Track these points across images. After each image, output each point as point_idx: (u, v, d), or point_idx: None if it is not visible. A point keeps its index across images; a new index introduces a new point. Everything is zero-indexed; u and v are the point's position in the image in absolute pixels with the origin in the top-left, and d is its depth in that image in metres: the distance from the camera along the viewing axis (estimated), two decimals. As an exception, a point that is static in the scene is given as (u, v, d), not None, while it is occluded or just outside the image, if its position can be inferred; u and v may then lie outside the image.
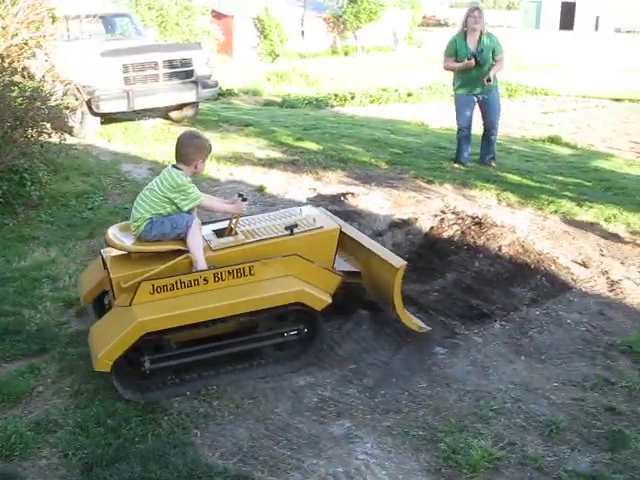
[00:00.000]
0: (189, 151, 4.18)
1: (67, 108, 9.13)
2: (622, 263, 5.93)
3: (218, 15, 45.53)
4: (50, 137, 7.86)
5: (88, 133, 10.53)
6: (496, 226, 6.31)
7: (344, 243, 4.69)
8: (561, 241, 6.32)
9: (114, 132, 10.91)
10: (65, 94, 9.60)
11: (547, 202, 7.42)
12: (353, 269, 4.81)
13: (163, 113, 11.98)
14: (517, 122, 16.20)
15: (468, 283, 5.45)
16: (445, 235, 6.32)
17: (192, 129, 4.56)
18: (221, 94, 20.81)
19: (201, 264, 4.08)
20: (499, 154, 9.56)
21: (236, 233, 4.38)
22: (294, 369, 4.27)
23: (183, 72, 11.21)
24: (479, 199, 7.57)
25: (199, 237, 4.16)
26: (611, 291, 5.39)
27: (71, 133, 10.08)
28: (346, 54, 52.47)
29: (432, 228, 6.49)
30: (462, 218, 6.55)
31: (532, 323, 4.82)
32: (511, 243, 6.00)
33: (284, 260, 4.21)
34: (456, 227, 6.38)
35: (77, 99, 10.28)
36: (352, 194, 7.43)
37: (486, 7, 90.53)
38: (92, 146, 10.09)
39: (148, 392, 3.98)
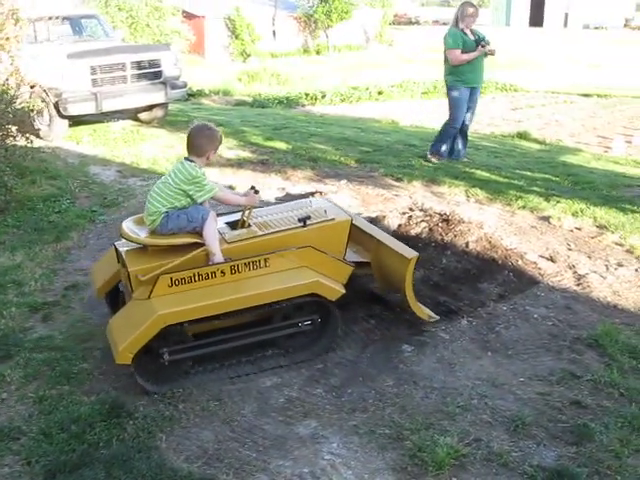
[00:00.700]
0: (201, 143, 4.25)
1: (32, 111, 9.04)
2: (589, 257, 5.96)
3: (189, 15, 45.30)
4: (16, 140, 7.75)
5: (56, 136, 10.43)
6: (464, 222, 6.32)
7: (353, 234, 4.76)
8: (529, 236, 6.36)
9: (82, 134, 10.82)
10: (31, 96, 9.50)
11: (515, 198, 7.45)
12: (362, 260, 4.88)
13: (132, 115, 11.89)
14: (486, 118, 16.31)
15: (436, 280, 5.45)
16: (413, 232, 6.31)
17: (203, 121, 4.59)
18: (192, 95, 20.76)
19: (218, 257, 4.13)
20: (468, 150, 9.59)
21: (249, 225, 4.44)
22: (308, 357, 4.35)
23: (151, 73, 11.14)
24: (448, 196, 7.58)
25: (215, 230, 4.22)
26: (578, 285, 5.42)
27: (38, 136, 9.97)
28: (318, 53, 52.47)
29: (400, 226, 6.49)
30: (430, 215, 6.55)
31: (499, 319, 4.82)
32: (478, 239, 6.01)
33: (298, 252, 4.29)
34: (424, 224, 6.37)
35: (44, 101, 10.17)
36: (320, 193, 7.41)
37: (456, 5, 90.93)
38: (60, 149, 9.99)
39: (167, 383, 4.04)
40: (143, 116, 11.94)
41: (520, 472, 3.29)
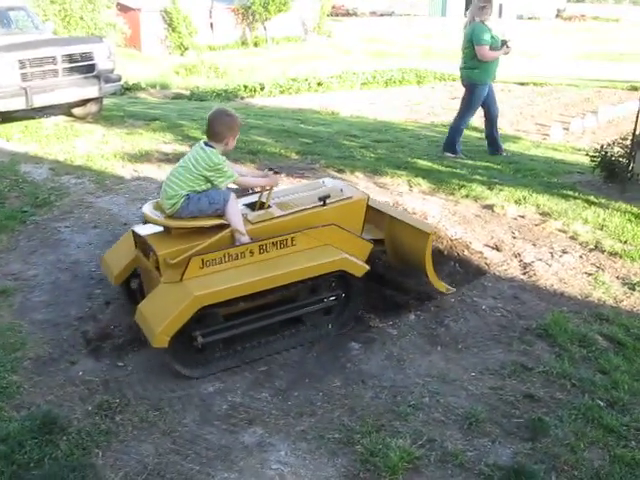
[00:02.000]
0: (221, 129, 4.31)
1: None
2: (534, 245, 5.93)
3: (124, 8, 44.44)
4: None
5: (-16, 133, 9.98)
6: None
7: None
8: (473, 225, 6.29)
9: (13, 131, 10.34)
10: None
11: (458, 187, 7.39)
12: (376, 237, 4.95)
13: (65, 110, 11.46)
14: (426, 108, 16.36)
15: (381, 273, 5.30)
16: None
17: (223, 107, 4.48)
18: (128, 88, 20.31)
19: (245, 237, 4.19)
20: (408, 140, 9.51)
21: (269, 206, 4.51)
22: (333, 332, 4.42)
23: (84, 67, 10.72)
24: (390, 186, 7.47)
25: (238, 211, 4.27)
26: (524, 274, 5.37)
27: (-34, 134, 9.53)
28: (256, 45, 52.11)
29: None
30: (373, 206, 6.43)
31: (447, 311, 4.72)
32: (423, 230, 5.90)
33: (322, 230, 4.36)
34: (368, 216, 6.24)
35: (-30, 98, 9.72)
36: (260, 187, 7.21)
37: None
38: (-12, 147, 9.55)
39: (201, 367, 4.05)
40: (77, 111, 11.50)
41: (476, 472, 3.17)
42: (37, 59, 10.09)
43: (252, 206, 4.55)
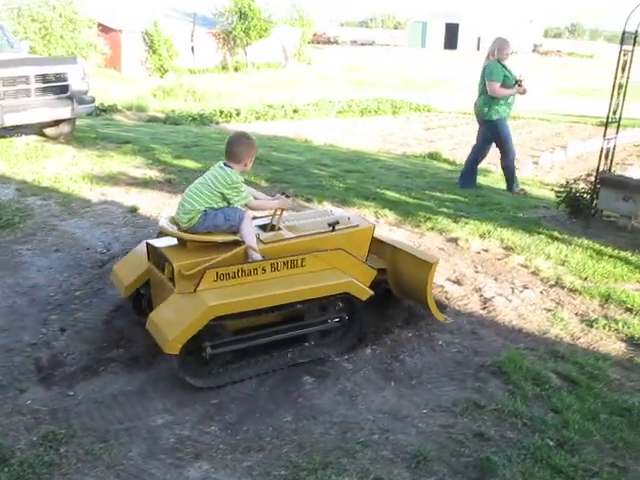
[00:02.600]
0: (240, 150, 4.51)
1: None
2: (495, 279, 5.96)
3: (105, 29, 44.49)
4: None
5: (-47, 152, 9.87)
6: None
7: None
8: (437, 259, 6.29)
9: (-18, 150, 10.27)
10: None
11: (424, 219, 7.42)
12: (378, 266, 5.05)
13: (37, 130, 11.38)
14: (400, 138, 16.45)
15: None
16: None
17: (241, 131, 4.88)
18: (104, 110, 20.25)
19: (257, 255, 4.40)
20: (379, 171, 9.56)
21: (279, 228, 4.79)
22: (337, 352, 4.59)
23: (57, 87, 10.66)
24: (357, 217, 7.47)
25: (252, 229, 4.54)
26: (484, 309, 5.39)
27: None
28: (236, 70, 52.34)
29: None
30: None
31: (404, 346, 4.69)
32: (386, 262, 5.91)
33: (331, 253, 4.57)
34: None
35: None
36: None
37: (375, 26, 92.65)
38: (-44, 166, 9.44)
39: (209, 378, 4.20)
40: (49, 131, 11.42)
41: (420, 513, 3.14)
42: (10, 78, 10.01)
43: (264, 227, 4.80)
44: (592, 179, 7.87)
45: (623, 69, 7.36)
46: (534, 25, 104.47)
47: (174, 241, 4.59)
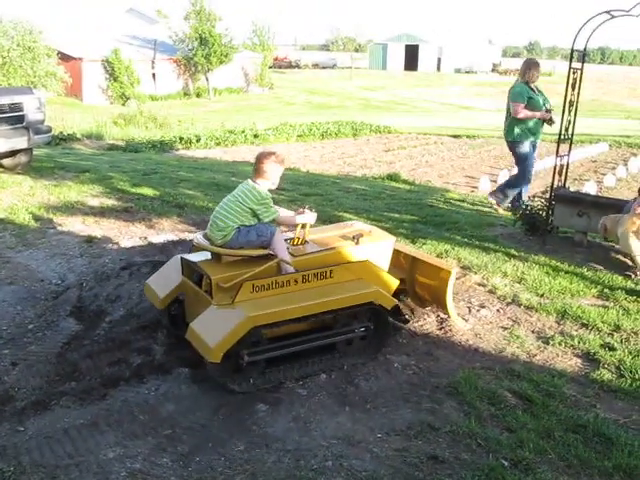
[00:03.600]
0: (268, 168, 4.69)
1: None
2: (452, 299, 5.96)
3: (65, 57, 44.30)
4: None
5: None
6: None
7: None
8: (393, 280, 6.30)
9: (-64, 181, 10.11)
10: None
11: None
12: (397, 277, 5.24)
13: (-6, 161, 11.26)
14: (359, 161, 16.53)
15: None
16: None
17: (270, 149, 5.06)
18: (63, 139, 20.10)
19: (290, 267, 4.67)
20: (337, 194, 9.59)
21: (306, 242, 5.05)
22: (364, 359, 4.79)
23: (13, 117, 10.62)
24: (315, 241, 7.47)
25: (283, 244, 4.79)
26: (440, 329, 5.40)
27: None
28: (198, 96, 52.41)
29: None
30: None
31: (359, 370, 4.67)
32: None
33: (357, 264, 4.88)
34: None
35: None
36: (184, 241, 7.16)
37: (336, 49, 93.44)
38: None
39: (244, 383, 4.38)
40: (6, 162, 11.31)
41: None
42: (-36, 109, 9.94)
43: (291, 241, 5.04)
44: (547, 196, 7.97)
45: (573, 87, 7.49)
46: (493, 45, 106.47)
47: (208, 255, 4.85)
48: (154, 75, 51.34)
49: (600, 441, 3.95)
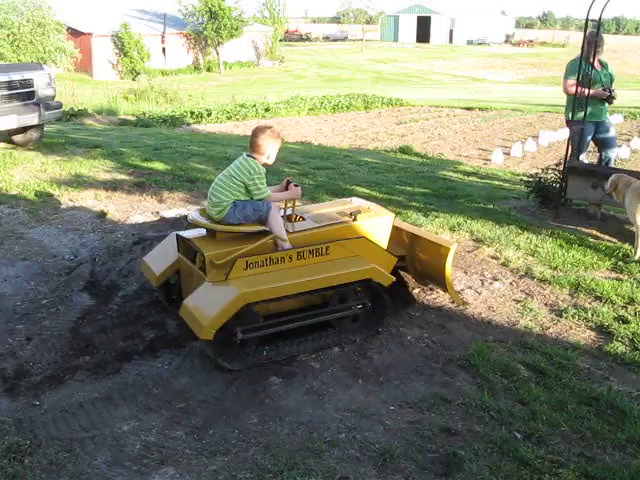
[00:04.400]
0: (263, 143, 4.59)
1: None
2: (465, 272, 5.96)
3: (75, 33, 44.19)
4: None
5: None
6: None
7: None
8: (406, 254, 6.28)
9: (-51, 159, 10.13)
10: None
11: (395, 213, 7.38)
12: (397, 254, 5.20)
13: (5, 137, 11.26)
14: (371, 134, 16.44)
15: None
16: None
17: (266, 123, 4.75)
18: (73, 115, 20.06)
19: (286, 244, 4.59)
20: (349, 167, 9.54)
21: (303, 218, 4.97)
22: (362, 336, 4.75)
23: (23, 94, 10.59)
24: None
25: (280, 220, 4.66)
26: (452, 302, 5.38)
27: None
28: (208, 70, 52.16)
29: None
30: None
31: (372, 343, 4.68)
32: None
33: (354, 242, 4.78)
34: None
35: None
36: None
37: (347, 22, 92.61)
38: None
39: (238, 361, 4.35)
40: (17, 138, 11.32)
41: (387, 510, 3.12)
42: (-26, 86, 9.93)
43: (289, 217, 4.94)
44: (561, 168, 7.90)
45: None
46: (506, 16, 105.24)
47: (203, 232, 4.77)
48: (164, 49, 51.12)
49: (613, 413, 3.95)
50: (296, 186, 4.87)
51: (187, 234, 4.85)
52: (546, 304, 5.46)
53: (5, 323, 5.08)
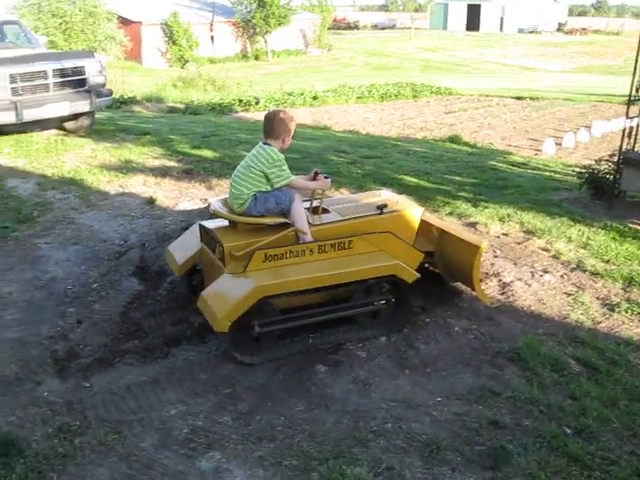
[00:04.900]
0: (278, 127, 4.49)
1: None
2: (515, 264, 5.87)
3: (125, 21, 44.76)
4: None
5: (-25, 147, 9.96)
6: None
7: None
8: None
9: (3, 145, 10.32)
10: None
11: (443, 204, 7.34)
12: (426, 249, 5.07)
13: (58, 124, 11.44)
14: (420, 123, 16.32)
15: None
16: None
17: (278, 107, 4.70)
18: (123, 102, 20.31)
19: (308, 236, 4.48)
20: (397, 156, 9.48)
21: (328, 211, 4.82)
22: (383, 333, 4.62)
23: (75, 81, 10.73)
24: (374, 203, 7.41)
25: (302, 212, 4.55)
26: (502, 294, 5.31)
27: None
28: (256, 58, 52.34)
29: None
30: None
31: (419, 333, 4.65)
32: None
33: (378, 236, 4.63)
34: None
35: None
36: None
37: (395, 10, 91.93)
38: (-22, 161, 9.52)
39: (256, 355, 4.29)
40: (69, 125, 11.49)
41: (433, 502, 3.10)
42: (28, 74, 10.08)
43: (314, 210, 4.80)
44: (615, 159, 7.72)
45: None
46: (558, 3, 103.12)
47: (225, 222, 4.70)
48: (212, 38, 51.43)
49: (667, 411, 3.85)
50: (326, 177, 4.77)
51: (209, 224, 4.81)
52: (598, 298, 5.34)
53: (56, 306, 5.18)
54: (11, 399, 3.92)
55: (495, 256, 6.02)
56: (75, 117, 11.26)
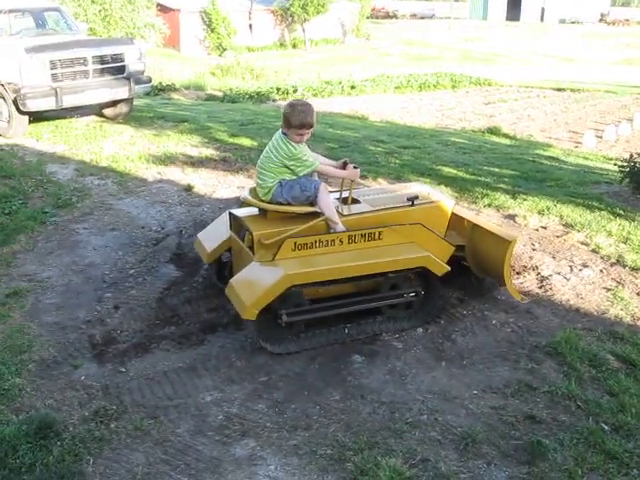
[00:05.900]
0: (297, 119, 4.39)
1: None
2: (553, 257, 5.79)
3: (164, 9, 44.83)
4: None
5: (16, 132, 10.09)
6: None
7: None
8: (492, 236, 6.15)
9: (44, 131, 10.47)
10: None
11: (481, 195, 7.26)
12: (457, 243, 4.98)
13: (97, 110, 11.56)
14: (458, 113, 16.17)
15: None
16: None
17: (298, 98, 4.70)
18: (161, 89, 20.43)
19: (340, 226, 4.46)
20: (436, 147, 9.40)
21: (359, 201, 4.81)
22: (412, 326, 4.59)
23: (115, 68, 10.81)
24: (412, 194, 7.37)
25: (329, 200, 4.52)
26: (540, 287, 5.25)
27: (-1, 133, 9.69)
28: (294, 47, 52.21)
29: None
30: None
31: (456, 325, 4.62)
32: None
33: (409, 228, 4.59)
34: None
35: (3, 97, 9.87)
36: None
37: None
38: (19, 146, 9.65)
39: (284, 344, 4.30)
40: (107, 112, 11.60)
41: (468, 495, 3.08)
42: (68, 60, 10.18)
43: (344, 200, 4.80)
44: (658, 153, 7.57)
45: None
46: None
47: (255, 211, 4.70)
48: (251, 26, 51.41)
49: None
50: (355, 167, 4.73)
51: (239, 212, 4.81)
52: (638, 294, 5.25)
53: (94, 291, 5.24)
54: (49, 382, 3.99)
55: (533, 249, 5.94)
56: (114, 104, 11.37)
